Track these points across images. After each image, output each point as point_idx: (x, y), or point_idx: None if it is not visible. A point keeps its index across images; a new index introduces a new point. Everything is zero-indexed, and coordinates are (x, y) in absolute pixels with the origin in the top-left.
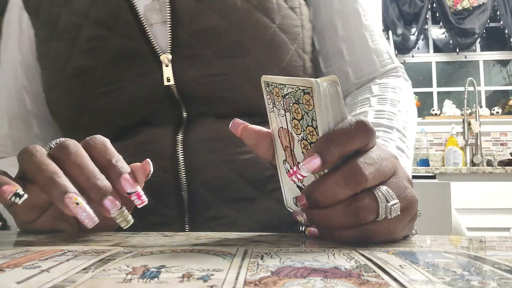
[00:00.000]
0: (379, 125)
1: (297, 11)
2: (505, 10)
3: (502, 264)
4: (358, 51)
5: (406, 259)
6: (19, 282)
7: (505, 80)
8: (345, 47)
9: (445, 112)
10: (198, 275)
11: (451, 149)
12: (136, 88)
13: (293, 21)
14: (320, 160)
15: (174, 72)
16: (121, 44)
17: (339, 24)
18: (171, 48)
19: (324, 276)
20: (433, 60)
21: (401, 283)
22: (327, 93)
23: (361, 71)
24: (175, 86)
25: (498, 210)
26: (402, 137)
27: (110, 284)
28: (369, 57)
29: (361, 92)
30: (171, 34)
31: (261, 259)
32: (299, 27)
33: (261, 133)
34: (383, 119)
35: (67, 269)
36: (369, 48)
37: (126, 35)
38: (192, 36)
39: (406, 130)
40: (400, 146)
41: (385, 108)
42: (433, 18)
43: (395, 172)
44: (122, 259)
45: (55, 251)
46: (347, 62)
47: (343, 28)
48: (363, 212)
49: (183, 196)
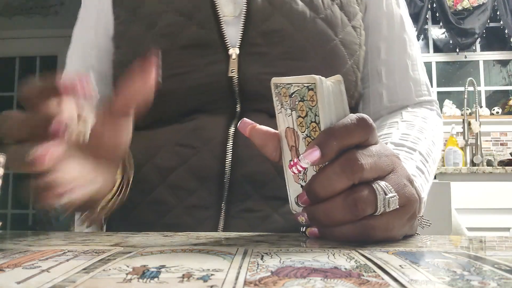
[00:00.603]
0: (402, 145)
1: (358, 31)
2: (505, 10)
3: (502, 264)
4: (396, 76)
5: (406, 259)
6: (19, 282)
7: (505, 80)
8: (384, 70)
9: (445, 112)
10: (198, 275)
11: (451, 149)
12: (201, 76)
13: (353, 38)
14: (319, 152)
15: (239, 65)
16: (196, 33)
17: (383, 49)
18: (241, 43)
19: (324, 276)
20: (433, 60)
21: (401, 283)
22: (331, 90)
23: (395, 96)
24: (237, 78)
25: (498, 210)
26: (423, 161)
27: (110, 284)
28: (406, 84)
29: (392, 117)
30: (243, 30)
31: (261, 259)
32: (357, 45)
33: (269, 133)
34: (408, 141)
35: (67, 269)
36: (408, 76)
37: (202, 25)
38: (261, 35)
39: (429, 157)
40: (420, 167)
41: (412, 132)
42: (433, 18)
43: (394, 169)
44: (122, 259)
45: (55, 251)
46: (383, 85)
47: (386, 53)
48: (361, 204)
49: (225, 184)
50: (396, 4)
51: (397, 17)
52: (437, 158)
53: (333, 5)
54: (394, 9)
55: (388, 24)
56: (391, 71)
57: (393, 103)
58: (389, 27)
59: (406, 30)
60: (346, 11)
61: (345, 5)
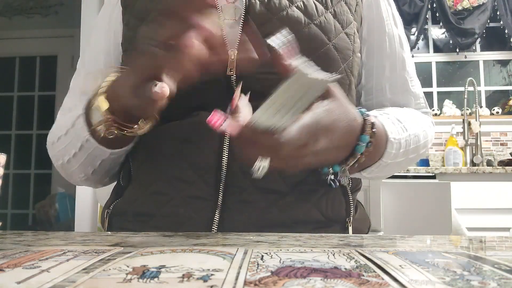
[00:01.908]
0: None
1: (352, 38)
2: (505, 10)
3: (502, 264)
4: (399, 91)
5: (406, 259)
6: (19, 282)
7: (505, 80)
8: (388, 86)
9: (445, 112)
10: (198, 275)
11: (451, 149)
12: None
13: (346, 44)
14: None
15: (236, 65)
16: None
17: (387, 67)
18: (239, 45)
19: (324, 276)
20: (433, 60)
21: (401, 283)
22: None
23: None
24: (235, 77)
25: (498, 210)
26: (397, 119)
27: (110, 284)
28: (407, 98)
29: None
30: (241, 34)
31: (261, 259)
32: (351, 51)
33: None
34: (383, 115)
35: (67, 269)
36: (409, 91)
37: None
38: None
39: (404, 122)
40: (385, 116)
41: (389, 110)
42: (433, 18)
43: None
44: (122, 259)
45: (55, 251)
46: (387, 99)
47: (389, 70)
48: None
49: (222, 177)
50: (394, 24)
51: (396, 37)
52: (418, 131)
53: (327, 13)
54: (393, 29)
55: (389, 44)
56: (394, 87)
57: None
58: (391, 46)
59: (404, 49)
60: (340, 19)
61: (339, 14)
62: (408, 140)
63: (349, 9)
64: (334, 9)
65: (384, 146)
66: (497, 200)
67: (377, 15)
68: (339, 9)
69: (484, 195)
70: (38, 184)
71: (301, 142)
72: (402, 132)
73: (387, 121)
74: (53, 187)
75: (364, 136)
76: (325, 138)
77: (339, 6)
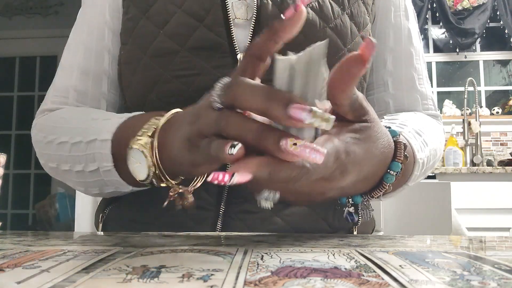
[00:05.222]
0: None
1: None
2: (505, 10)
3: (502, 264)
4: (403, 88)
5: (406, 259)
6: (19, 282)
7: (505, 80)
8: (391, 81)
9: (445, 112)
10: (198, 275)
11: (451, 149)
12: (209, 79)
13: None
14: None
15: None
16: (205, 35)
17: (388, 60)
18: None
19: (324, 276)
20: (433, 60)
21: (401, 283)
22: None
23: (402, 106)
24: None
25: (498, 210)
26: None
27: (110, 284)
28: (413, 96)
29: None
30: (252, 35)
31: (261, 259)
32: None
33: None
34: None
35: (67, 269)
36: (415, 88)
37: (212, 29)
38: None
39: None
40: (413, 131)
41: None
42: (433, 18)
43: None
44: (122, 259)
45: (55, 251)
46: (390, 94)
47: (392, 64)
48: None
49: (225, 186)
50: (405, 16)
51: (405, 30)
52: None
53: (343, 15)
54: (402, 21)
55: (394, 36)
56: (398, 83)
57: (399, 111)
58: (396, 39)
59: (413, 43)
60: (356, 21)
61: (356, 16)
62: (429, 157)
63: (366, 9)
64: (351, 10)
65: (411, 169)
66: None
67: (383, 4)
68: (356, 10)
69: (484, 195)
70: (38, 184)
71: (325, 175)
72: (424, 148)
73: (411, 136)
74: (53, 187)
75: (396, 163)
76: (354, 171)
77: (356, 6)
